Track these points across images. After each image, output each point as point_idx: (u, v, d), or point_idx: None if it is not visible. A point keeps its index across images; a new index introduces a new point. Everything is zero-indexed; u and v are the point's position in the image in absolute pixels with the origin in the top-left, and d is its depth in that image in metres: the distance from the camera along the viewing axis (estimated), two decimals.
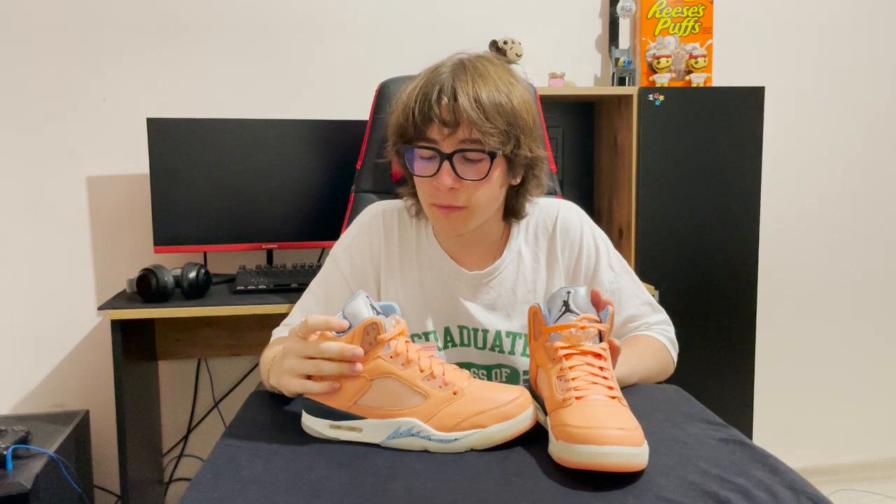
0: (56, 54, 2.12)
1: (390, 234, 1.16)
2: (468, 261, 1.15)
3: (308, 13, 2.24)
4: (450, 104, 0.98)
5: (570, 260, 1.16)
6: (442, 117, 0.98)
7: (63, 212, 2.16)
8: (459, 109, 0.97)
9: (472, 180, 1.01)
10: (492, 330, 1.14)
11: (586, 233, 1.17)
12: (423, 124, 1.00)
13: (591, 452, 0.68)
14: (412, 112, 1.00)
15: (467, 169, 1.01)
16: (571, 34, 2.39)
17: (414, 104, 1.00)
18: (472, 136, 0.99)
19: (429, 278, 1.15)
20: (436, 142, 1.00)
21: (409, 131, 1.02)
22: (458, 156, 1.00)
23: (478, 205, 1.04)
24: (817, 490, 0.67)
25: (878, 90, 2.58)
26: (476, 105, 0.98)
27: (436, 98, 0.99)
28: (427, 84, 1.01)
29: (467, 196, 1.02)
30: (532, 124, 1.05)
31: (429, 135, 1.01)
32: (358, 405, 0.80)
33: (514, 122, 1.01)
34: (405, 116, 1.02)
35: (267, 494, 0.67)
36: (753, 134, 2.15)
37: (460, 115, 0.98)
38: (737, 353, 2.20)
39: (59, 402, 2.20)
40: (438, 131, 1.00)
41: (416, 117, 1.00)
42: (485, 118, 0.98)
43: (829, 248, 2.60)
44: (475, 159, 1.01)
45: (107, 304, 1.82)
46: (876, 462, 2.68)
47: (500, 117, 0.99)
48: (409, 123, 1.01)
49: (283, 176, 2.07)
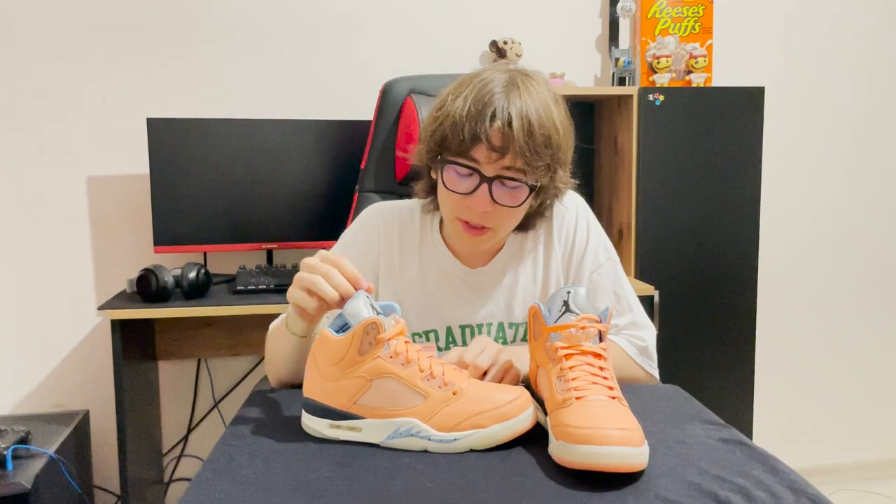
0: (56, 54, 2.12)
1: (390, 233, 1.16)
2: (471, 259, 1.15)
3: (308, 13, 2.24)
4: (503, 129, 0.95)
5: (567, 245, 1.16)
6: (492, 142, 0.96)
7: (63, 212, 2.16)
8: (511, 137, 0.95)
9: (506, 206, 1.00)
10: (494, 323, 1.14)
11: (581, 219, 1.17)
12: (471, 143, 0.97)
13: (592, 453, 0.68)
14: (462, 129, 0.96)
15: (503, 194, 0.99)
16: (571, 34, 2.39)
17: (465, 121, 0.96)
18: (516, 165, 0.97)
19: (431, 276, 1.15)
20: (478, 162, 0.98)
21: (452, 145, 0.99)
22: (497, 181, 0.98)
23: (503, 226, 1.05)
24: (817, 490, 0.67)
25: (878, 90, 2.58)
26: (528, 137, 0.95)
27: (489, 120, 0.95)
28: (478, 101, 0.97)
29: (496, 219, 1.02)
30: (569, 157, 1.05)
31: (473, 154, 0.98)
32: (358, 405, 0.80)
33: (557, 155, 1.01)
34: (452, 130, 0.98)
35: (267, 494, 0.67)
36: (753, 134, 2.15)
37: (510, 143, 0.95)
38: (737, 353, 2.19)
39: (59, 402, 2.20)
40: (485, 154, 0.97)
41: (465, 135, 0.96)
42: (534, 152, 0.96)
43: (829, 247, 2.60)
44: (513, 187, 0.99)
45: (107, 304, 1.82)
46: (876, 462, 2.68)
47: (547, 150, 0.98)
48: (455, 139, 0.98)
49: (283, 176, 2.07)
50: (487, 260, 1.15)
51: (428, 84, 1.62)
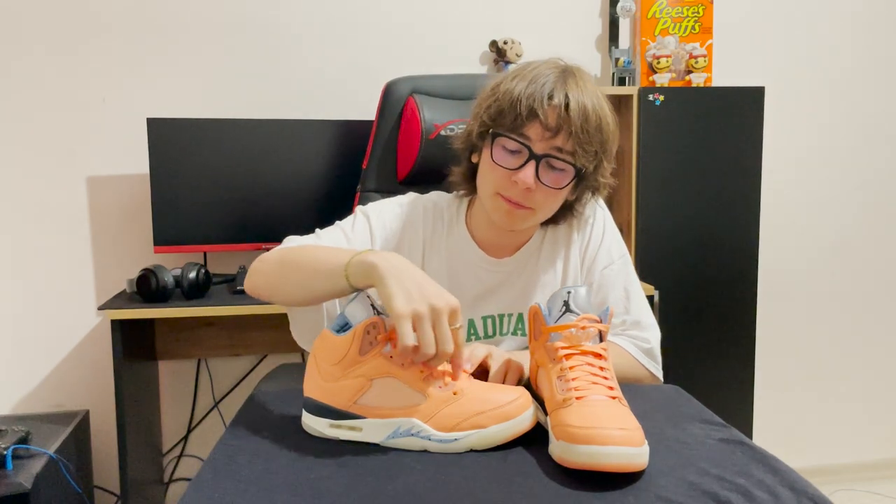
0: (56, 54, 2.12)
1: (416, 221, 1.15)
2: (497, 250, 1.15)
3: (309, 13, 2.24)
4: (559, 109, 0.98)
5: (584, 241, 1.17)
6: (547, 120, 0.98)
7: (63, 212, 2.16)
8: (567, 117, 0.98)
9: (549, 187, 1.01)
10: (515, 314, 1.15)
11: (598, 216, 1.19)
12: (527, 119, 0.99)
13: (592, 453, 0.68)
14: (519, 102, 0.99)
15: (548, 174, 1.01)
16: (571, 34, 2.39)
17: (523, 98, 0.99)
18: (566, 147, 1.00)
19: (456, 266, 1.15)
20: (530, 139, 1.00)
21: (506, 120, 1.00)
22: (545, 160, 1.00)
23: (542, 209, 1.05)
24: (817, 490, 0.67)
25: (878, 90, 2.58)
26: (584, 117, 0.98)
27: (547, 98, 0.98)
28: (537, 81, 1.00)
29: (537, 199, 1.03)
30: (613, 153, 1.07)
31: (525, 131, 1.00)
32: (358, 405, 0.79)
33: (605, 145, 1.03)
34: (510, 105, 1.00)
35: (267, 494, 0.67)
36: (753, 134, 2.15)
37: (565, 123, 0.98)
38: (737, 353, 2.19)
39: (59, 402, 2.20)
40: (539, 131, 0.99)
41: (522, 110, 0.98)
42: (587, 134, 0.99)
43: (829, 247, 2.60)
44: (560, 168, 1.01)
45: (107, 304, 1.82)
46: (876, 462, 2.68)
47: (597, 135, 1.01)
48: (511, 113, 1.00)
49: (283, 176, 2.07)
50: (512, 252, 1.16)
51: (429, 84, 1.63)
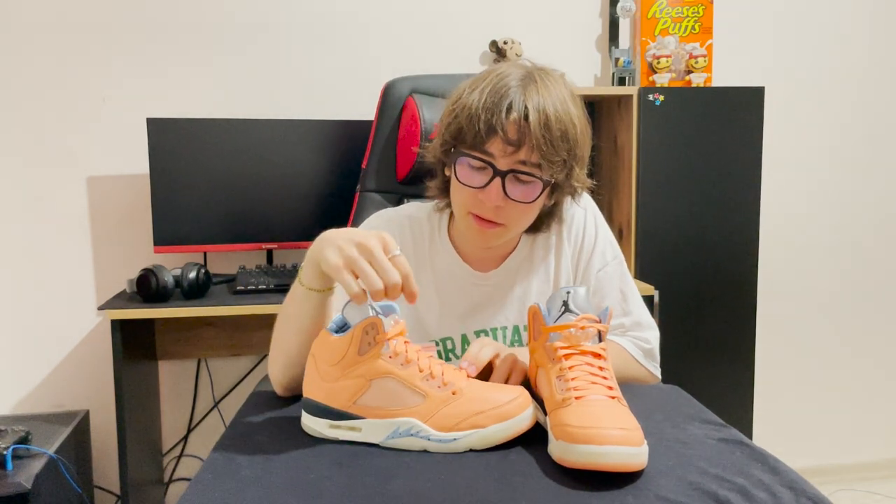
0: (56, 54, 2.12)
1: (405, 239, 1.13)
2: (482, 262, 1.13)
3: (309, 13, 2.24)
4: (519, 122, 0.94)
5: (576, 245, 1.15)
6: (507, 135, 0.95)
7: (63, 212, 2.16)
8: (528, 131, 0.94)
9: (519, 202, 0.99)
10: (509, 326, 1.13)
11: (589, 219, 1.17)
12: (486, 136, 0.95)
13: (591, 452, 0.68)
14: (478, 120, 0.95)
15: (517, 189, 0.98)
16: (571, 34, 2.39)
17: (481, 112, 0.95)
18: (531, 160, 0.96)
19: (443, 283, 1.13)
20: (493, 156, 0.97)
21: (467, 138, 0.97)
22: (511, 175, 0.97)
23: (516, 224, 1.03)
24: (817, 490, 0.67)
25: (878, 90, 2.58)
26: (545, 130, 0.94)
27: (505, 112, 0.94)
28: (495, 93, 0.96)
29: (509, 215, 1.00)
30: (587, 155, 1.03)
31: (488, 147, 0.97)
32: (357, 405, 0.79)
33: (574, 152, 0.99)
34: (468, 122, 0.97)
35: (267, 494, 0.67)
36: (753, 134, 2.15)
37: (526, 137, 0.94)
38: (737, 353, 2.19)
39: (59, 402, 2.20)
40: (500, 147, 0.96)
41: (481, 127, 0.95)
42: (551, 145, 0.95)
43: (829, 247, 2.60)
44: (527, 181, 0.98)
45: (107, 304, 1.82)
46: (876, 462, 2.68)
47: (563, 144, 0.97)
48: (471, 131, 0.96)
49: (283, 176, 2.07)
50: (498, 263, 1.13)
51: (429, 84, 1.62)
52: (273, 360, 0.95)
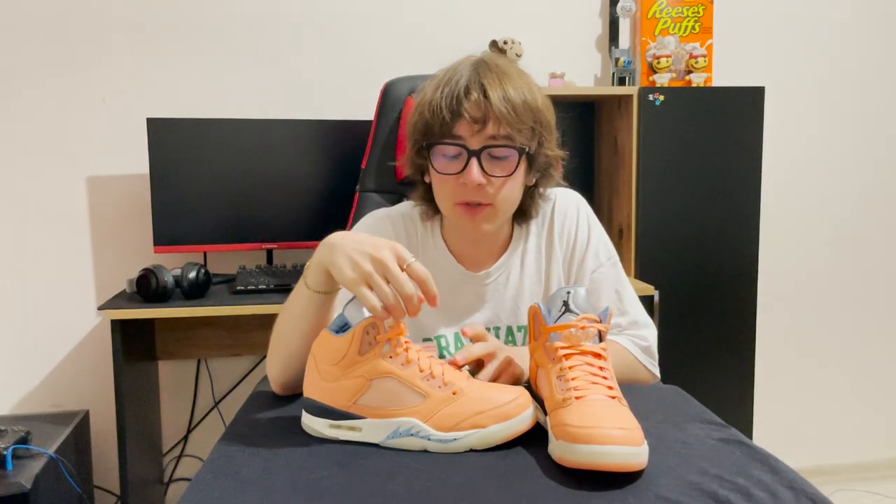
0: (56, 54, 2.12)
1: (399, 238, 1.14)
2: (475, 262, 1.14)
3: (309, 13, 2.24)
4: (479, 100, 0.98)
5: (568, 246, 1.16)
6: (471, 113, 0.98)
7: (63, 212, 2.16)
8: (489, 105, 0.97)
9: (499, 177, 1.01)
10: (503, 326, 1.14)
11: (581, 219, 1.17)
12: (452, 121, 0.99)
13: (591, 452, 0.68)
14: (439, 108, 0.99)
15: (494, 166, 1.01)
16: (571, 34, 2.39)
17: (441, 100, 0.99)
18: (500, 133, 0.99)
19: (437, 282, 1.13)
20: (463, 138, 1.00)
21: (434, 129, 1.01)
22: (485, 152, 1.00)
23: (503, 201, 1.04)
24: (817, 490, 0.67)
25: (879, 90, 2.57)
26: (506, 101, 0.98)
27: (464, 94, 0.98)
28: (451, 81, 1.00)
29: (494, 193, 1.02)
30: (553, 124, 1.06)
31: (456, 132, 1.00)
32: (357, 405, 0.80)
33: (540, 119, 1.02)
34: (431, 113, 1.00)
35: (267, 494, 0.67)
36: (753, 134, 2.15)
37: (490, 112, 0.98)
38: (737, 353, 2.19)
39: (59, 402, 2.20)
40: (467, 128, 0.99)
41: (444, 113, 0.99)
42: (514, 114, 0.98)
43: (829, 247, 2.60)
44: (502, 156, 1.01)
45: (107, 304, 1.82)
46: (876, 462, 2.68)
47: (528, 114, 1.00)
48: (436, 121, 1.00)
49: (283, 176, 2.07)
50: (491, 263, 1.14)
51: None
52: (272, 359, 0.96)
